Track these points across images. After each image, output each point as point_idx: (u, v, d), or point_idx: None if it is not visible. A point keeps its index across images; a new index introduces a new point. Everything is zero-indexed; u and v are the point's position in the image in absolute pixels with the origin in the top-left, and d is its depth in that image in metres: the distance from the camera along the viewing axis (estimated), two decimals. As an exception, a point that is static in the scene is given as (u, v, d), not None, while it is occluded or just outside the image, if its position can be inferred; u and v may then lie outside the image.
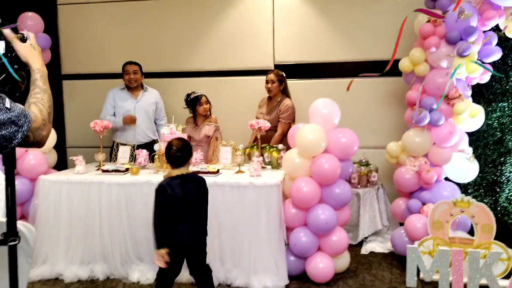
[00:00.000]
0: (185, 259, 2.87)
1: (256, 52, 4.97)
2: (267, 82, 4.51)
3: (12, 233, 1.59)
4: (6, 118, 1.27)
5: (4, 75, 1.47)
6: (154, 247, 2.74)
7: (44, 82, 1.52)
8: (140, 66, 4.67)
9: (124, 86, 4.70)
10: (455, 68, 3.51)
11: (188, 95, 4.53)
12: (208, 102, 4.50)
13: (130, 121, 4.49)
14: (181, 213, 2.72)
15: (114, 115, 4.62)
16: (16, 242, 1.58)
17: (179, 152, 2.78)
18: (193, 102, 4.48)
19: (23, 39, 1.54)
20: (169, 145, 2.83)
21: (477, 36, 3.53)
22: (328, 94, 4.03)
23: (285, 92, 4.60)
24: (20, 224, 1.70)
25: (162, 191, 2.72)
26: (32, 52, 1.54)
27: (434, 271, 3.31)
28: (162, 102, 4.84)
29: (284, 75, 4.57)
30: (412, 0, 4.32)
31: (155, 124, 4.79)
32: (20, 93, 1.57)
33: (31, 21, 4.39)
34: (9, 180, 1.59)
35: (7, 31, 1.49)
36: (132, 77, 4.59)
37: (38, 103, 1.45)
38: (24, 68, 1.54)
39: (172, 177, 2.77)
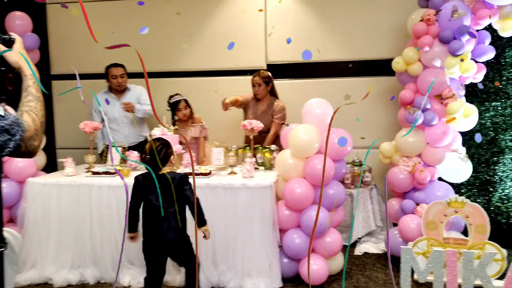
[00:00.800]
0: (168, 257, 2.94)
1: (248, 52, 4.93)
2: (253, 85, 4.44)
3: (-1, 239, 1.53)
4: None
5: None
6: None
7: (37, 89, 1.47)
8: (124, 67, 4.58)
9: (108, 89, 4.62)
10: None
11: (170, 97, 4.43)
12: (188, 106, 4.36)
13: (127, 108, 4.42)
14: (154, 209, 2.77)
15: (103, 120, 4.49)
16: (2, 249, 1.53)
17: (149, 156, 2.79)
18: (172, 106, 4.38)
19: (10, 41, 1.49)
20: (144, 149, 2.84)
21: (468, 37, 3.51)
22: (321, 94, 4.00)
23: (273, 93, 4.53)
24: (6, 231, 1.64)
25: (135, 183, 2.84)
26: (25, 57, 1.50)
27: (429, 272, 3.28)
28: (144, 92, 4.65)
29: (271, 75, 4.48)
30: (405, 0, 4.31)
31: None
32: (7, 96, 1.52)
33: (19, 20, 4.32)
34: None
35: None
36: (121, 81, 4.52)
37: (31, 111, 1.40)
38: (12, 70, 1.49)
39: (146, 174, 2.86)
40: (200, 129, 4.36)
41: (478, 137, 3.03)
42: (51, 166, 4.57)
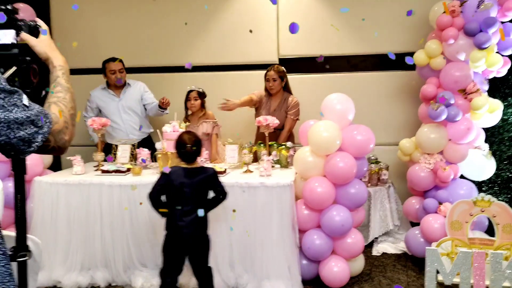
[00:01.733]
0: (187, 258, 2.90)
1: (260, 46, 4.77)
2: (267, 80, 4.26)
3: (22, 247, 1.40)
4: (24, 117, 1.06)
5: (14, 67, 1.26)
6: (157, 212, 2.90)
7: (67, 80, 1.32)
8: (122, 61, 4.38)
9: (106, 85, 4.44)
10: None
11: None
12: (198, 98, 4.21)
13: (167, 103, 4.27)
14: (181, 203, 2.77)
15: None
16: (26, 258, 1.39)
17: (194, 147, 2.83)
18: (186, 97, 4.26)
19: (36, 28, 1.34)
20: (182, 141, 2.84)
21: (497, 27, 3.37)
22: (335, 88, 3.86)
23: (286, 89, 4.36)
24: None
25: (164, 175, 2.82)
26: (53, 47, 1.35)
27: (455, 274, 3.16)
28: (148, 91, 4.53)
29: (285, 70, 4.32)
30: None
31: (145, 110, 4.51)
32: (32, 89, 1.36)
33: (22, 12, 4.10)
34: (18, 187, 1.40)
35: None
36: (119, 77, 4.33)
37: (60, 102, 1.24)
38: (37, 61, 1.33)
39: (180, 167, 2.85)
40: (213, 125, 4.20)
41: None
42: (56, 164, 4.40)
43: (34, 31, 1.31)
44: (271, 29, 4.74)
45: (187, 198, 2.77)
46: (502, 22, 3.59)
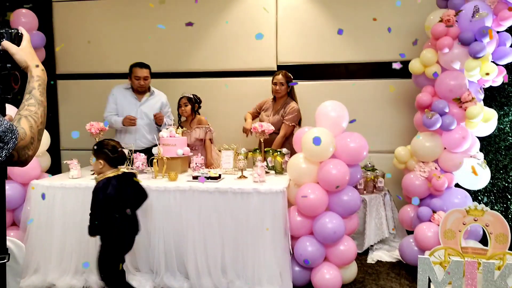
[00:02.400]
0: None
1: (259, 53, 4.80)
2: (275, 83, 4.31)
3: (1, 250, 1.42)
4: None
5: None
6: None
7: (42, 92, 1.34)
8: (150, 68, 4.37)
9: (130, 86, 4.42)
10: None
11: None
12: (188, 103, 4.28)
13: (129, 123, 4.22)
14: (120, 211, 2.88)
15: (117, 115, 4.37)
16: (5, 261, 1.41)
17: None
18: (177, 104, 4.33)
19: (18, 36, 1.37)
20: (112, 146, 2.97)
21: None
22: (332, 95, 3.88)
23: (291, 95, 4.41)
24: (9, 241, 1.52)
25: (100, 190, 2.87)
26: (33, 56, 1.37)
27: (447, 283, 3.15)
28: (169, 105, 4.57)
29: (292, 77, 4.37)
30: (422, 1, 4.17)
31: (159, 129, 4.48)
32: (13, 95, 1.40)
33: (25, 18, 4.21)
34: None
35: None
36: (143, 84, 4.30)
37: (30, 117, 1.28)
38: (18, 68, 1.37)
39: (109, 177, 2.91)
40: (205, 131, 4.25)
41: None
42: (55, 168, 4.45)
43: (15, 39, 1.34)
44: (270, 36, 4.77)
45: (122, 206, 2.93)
46: (498, 32, 3.60)
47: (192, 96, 4.34)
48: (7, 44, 1.32)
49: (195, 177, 3.49)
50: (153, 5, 4.70)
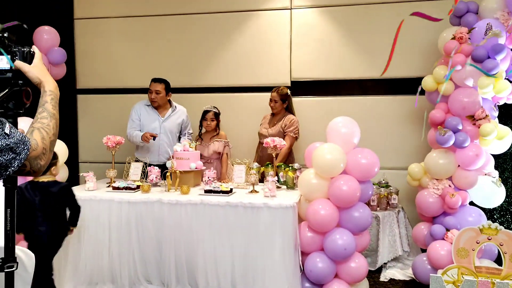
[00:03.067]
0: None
1: (273, 68, 4.87)
2: (270, 100, 4.46)
3: (9, 258, 1.47)
4: (4, 145, 1.17)
5: (8, 90, 1.38)
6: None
7: (54, 106, 1.41)
8: (166, 83, 4.42)
9: (149, 102, 4.47)
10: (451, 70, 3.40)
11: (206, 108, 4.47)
12: (214, 119, 4.37)
13: (145, 139, 4.21)
14: (34, 215, 3.00)
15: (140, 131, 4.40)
16: (13, 269, 1.46)
17: None
18: (202, 115, 4.40)
19: (30, 54, 1.44)
20: None
21: (505, 54, 3.36)
22: (346, 112, 3.92)
23: (289, 109, 4.52)
24: (19, 250, 1.58)
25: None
26: (46, 72, 1.44)
27: (459, 303, 3.10)
28: (188, 119, 4.64)
29: (289, 93, 4.48)
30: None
31: (179, 138, 4.55)
32: (25, 110, 1.47)
33: (47, 35, 4.37)
34: (8, 201, 1.48)
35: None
36: (153, 97, 4.37)
37: (43, 129, 1.33)
38: (30, 84, 1.44)
39: (30, 181, 3.06)
40: (224, 145, 4.31)
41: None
42: (74, 179, 4.56)
43: (27, 57, 1.41)
44: (284, 52, 4.84)
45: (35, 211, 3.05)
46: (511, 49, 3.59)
47: (219, 112, 4.42)
48: (19, 64, 1.38)
49: (207, 191, 3.53)
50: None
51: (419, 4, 4.44)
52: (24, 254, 1.64)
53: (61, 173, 4.02)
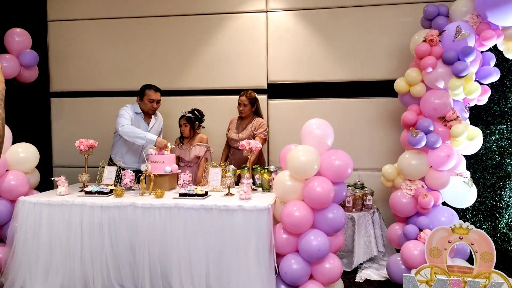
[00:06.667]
0: None
1: (250, 71, 4.88)
2: (239, 104, 4.51)
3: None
4: None
5: None
6: None
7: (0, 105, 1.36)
8: (161, 92, 4.41)
9: (140, 110, 4.35)
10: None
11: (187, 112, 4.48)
12: (187, 124, 4.37)
13: (164, 147, 4.02)
14: None
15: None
16: None
17: None
18: (179, 122, 4.42)
19: None
20: None
21: (474, 56, 3.43)
22: (322, 114, 3.95)
23: (257, 113, 4.59)
24: None
25: None
26: None
27: (432, 302, 3.14)
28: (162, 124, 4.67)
29: (257, 96, 4.54)
30: (408, 20, 4.25)
31: None
32: None
33: (18, 37, 4.29)
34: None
35: None
36: (156, 107, 4.34)
37: None
38: None
39: None
40: (205, 149, 4.31)
41: None
42: (48, 184, 4.46)
43: None
44: (261, 55, 4.85)
45: None
46: (481, 52, 3.66)
47: (192, 116, 4.40)
48: None
49: (181, 194, 3.51)
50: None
51: (392, 7, 4.50)
52: None
53: (33, 178, 3.94)
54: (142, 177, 3.66)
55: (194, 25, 4.95)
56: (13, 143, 3.84)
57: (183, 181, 3.74)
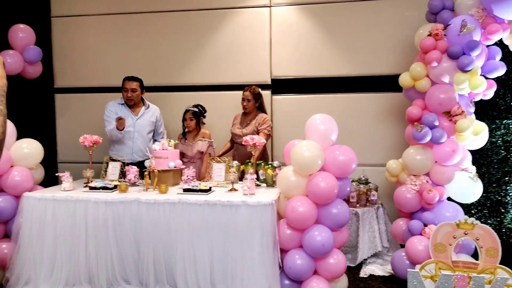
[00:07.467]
0: None
1: (253, 66, 4.86)
2: (243, 99, 4.49)
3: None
4: None
5: None
6: None
7: (1, 101, 1.36)
8: (140, 81, 4.42)
9: (124, 102, 4.45)
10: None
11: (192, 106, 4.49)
12: (193, 118, 4.38)
13: (120, 123, 4.18)
14: None
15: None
16: None
17: None
18: (183, 115, 4.40)
19: None
20: None
21: (480, 50, 3.40)
22: (326, 109, 3.93)
23: (261, 108, 4.57)
24: None
25: None
26: None
27: (436, 297, 3.12)
28: (162, 119, 4.66)
29: (261, 92, 4.52)
30: (413, 14, 4.21)
31: (154, 141, 4.52)
32: None
33: (22, 33, 4.30)
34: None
35: None
36: (130, 95, 4.35)
37: None
38: None
39: None
40: (208, 144, 4.31)
41: None
42: (53, 180, 4.48)
43: None
44: (264, 50, 4.83)
45: None
46: (487, 46, 3.62)
47: (197, 110, 4.43)
48: None
49: (185, 190, 3.51)
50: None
51: (396, 1, 4.47)
52: None
53: (37, 174, 3.95)
54: (146, 173, 3.67)
55: (198, 20, 4.94)
56: (18, 139, 3.85)
57: (187, 176, 3.75)
